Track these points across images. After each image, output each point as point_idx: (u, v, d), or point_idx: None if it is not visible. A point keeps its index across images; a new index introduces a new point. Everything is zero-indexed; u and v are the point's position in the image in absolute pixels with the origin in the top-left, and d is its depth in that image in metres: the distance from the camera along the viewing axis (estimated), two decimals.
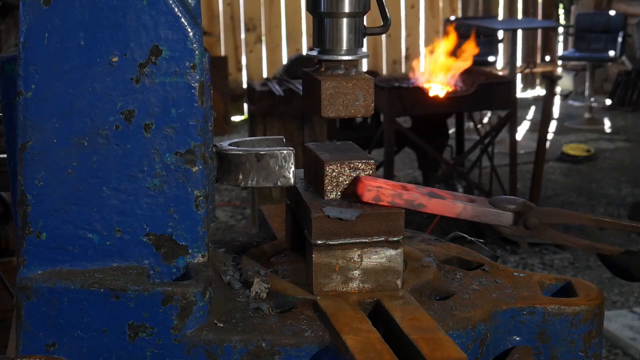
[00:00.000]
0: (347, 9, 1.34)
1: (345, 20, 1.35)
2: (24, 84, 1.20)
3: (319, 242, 1.29)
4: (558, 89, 9.14)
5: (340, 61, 1.37)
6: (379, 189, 1.30)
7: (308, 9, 1.39)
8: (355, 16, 1.36)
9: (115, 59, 1.20)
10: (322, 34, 1.37)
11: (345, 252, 1.30)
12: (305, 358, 1.20)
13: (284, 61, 8.94)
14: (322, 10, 1.35)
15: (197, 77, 1.22)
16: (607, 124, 9.13)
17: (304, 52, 9.13)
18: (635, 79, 9.84)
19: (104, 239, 1.25)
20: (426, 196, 1.32)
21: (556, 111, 9.42)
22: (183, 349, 1.21)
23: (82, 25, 1.19)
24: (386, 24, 1.40)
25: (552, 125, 8.79)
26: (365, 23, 1.40)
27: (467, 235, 1.63)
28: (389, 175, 5.28)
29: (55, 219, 1.23)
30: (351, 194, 1.33)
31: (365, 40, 1.37)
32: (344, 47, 1.36)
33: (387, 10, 1.40)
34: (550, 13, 10.68)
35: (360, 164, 1.35)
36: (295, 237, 1.47)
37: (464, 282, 1.40)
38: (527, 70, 8.09)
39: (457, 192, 1.38)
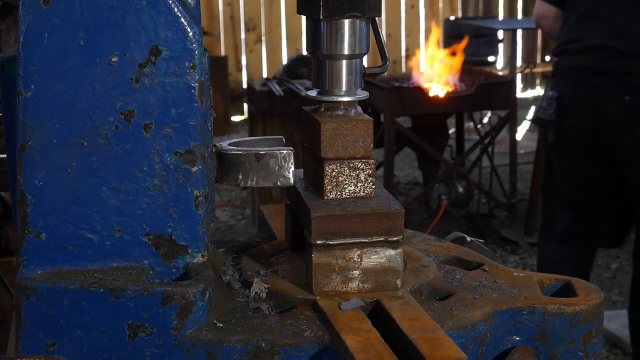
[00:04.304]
0: (346, 51, 1.35)
1: (344, 62, 1.37)
2: (24, 84, 1.20)
3: (318, 242, 1.29)
4: None
5: (340, 102, 1.37)
6: None
7: (308, 50, 1.40)
8: (355, 58, 1.37)
9: (115, 59, 1.20)
10: (322, 75, 1.38)
11: (345, 252, 1.30)
12: (305, 358, 1.20)
13: (284, 61, 8.94)
14: (322, 53, 1.36)
15: (197, 77, 1.22)
16: None
17: (304, 52, 9.13)
18: None
19: (104, 239, 1.25)
20: None
21: None
22: (183, 349, 1.21)
23: (82, 25, 1.19)
24: (385, 64, 1.41)
25: None
26: (365, 63, 1.41)
27: (467, 235, 1.63)
28: (389, 175, 5.28)
29: (55, 219, 1.23)
30: None
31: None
32: (344, 88, 1.37)
33: (386, 50, 1.41)
34: None
35: (360, 164, 1.35)
36: (295, 237, 1.47)
37: (464, 282, 1.40)
38: (527, 70, 8.08)
39: None
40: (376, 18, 1.38)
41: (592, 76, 3.37)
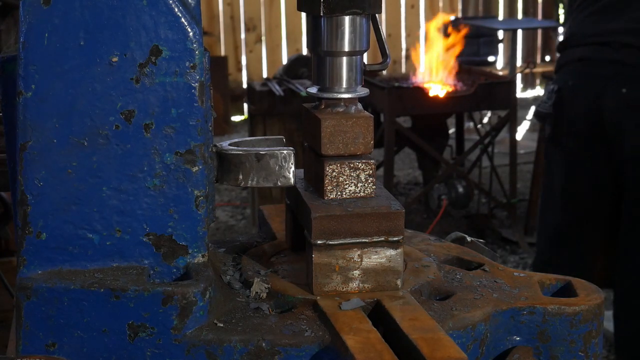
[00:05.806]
0: (346, 48, 1.36)
1: (344, 59, 1.37)
2: (24, 84, 1.20)
3: (319, 242, 1.29)
4: None
5: (340, 99, 1.37)
6: None
7: (308, 47, 1.40)
8: (355, 54, 1.37)
9: (115, 59, 1.20)
10: (322, 72, 1.38)
11: (345, 252, 1.30)
12: (305, 358, 1.20)
13: (284, 61, 8.94)
14: (322, 49, 1.36)
15: (197, 77, 1.22)
16: None
17: (304, 52, 9.13)
18: None
19: (104, 239, 1.25)
20: None
21: None
22: (183, 349, 1.21)
23: (82, 25, 1.19)
24: (385, 61, 1.41)
25: None
26: (365, 60, 1.41)
27: (467, 235, 1.63)
28: (389, 175, 5.28)
29: (55, 219, 1.23)
30: None
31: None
32: (344, 85, 1.38)
33: (386, 47, 1.41)
34: (550, 13, 10.68)
35: (360, 164, 1.35)
36: (295, 237, 1.47)
37: (464, 282, 1.40)
38: (527, 70, 8.08)
39: None
40: (376, 15, 1.38)
41: (593, 68, 3.36)
